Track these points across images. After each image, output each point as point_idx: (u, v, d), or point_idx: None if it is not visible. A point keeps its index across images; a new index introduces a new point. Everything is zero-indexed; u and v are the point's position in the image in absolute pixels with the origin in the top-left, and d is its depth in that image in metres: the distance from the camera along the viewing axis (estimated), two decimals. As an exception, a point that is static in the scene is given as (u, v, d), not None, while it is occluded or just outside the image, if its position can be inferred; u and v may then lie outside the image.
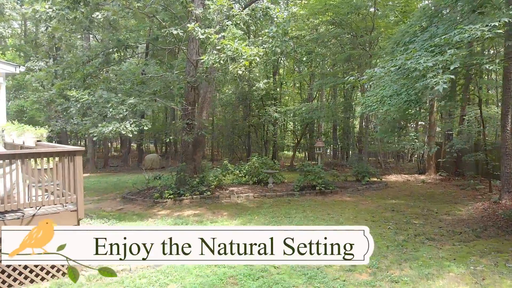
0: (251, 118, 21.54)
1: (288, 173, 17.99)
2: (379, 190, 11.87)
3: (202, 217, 8.49)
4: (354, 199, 10.33)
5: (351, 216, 8.33)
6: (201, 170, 11.96)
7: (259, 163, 11.94)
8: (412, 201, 10.21)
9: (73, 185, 4.72)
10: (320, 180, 10.71)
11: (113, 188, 13.82)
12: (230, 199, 10.25)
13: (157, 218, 8.60)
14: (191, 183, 10.47)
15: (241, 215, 8.54)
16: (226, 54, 6.75)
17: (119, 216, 8.88)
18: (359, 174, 12.36)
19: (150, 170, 20.31)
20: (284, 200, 10.19)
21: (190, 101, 10.97)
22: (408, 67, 4.59)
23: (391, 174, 16.26)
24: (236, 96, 20.64)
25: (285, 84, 28.02)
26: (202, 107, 11.54)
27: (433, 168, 15.67)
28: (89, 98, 7.42)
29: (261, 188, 11.41)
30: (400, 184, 13.55)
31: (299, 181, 10.95)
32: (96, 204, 10.60)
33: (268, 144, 22.43)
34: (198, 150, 11.46)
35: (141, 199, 10.46)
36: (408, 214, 8.54)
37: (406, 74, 4.67)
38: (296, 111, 17.75)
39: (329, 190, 10.84)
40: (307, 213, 8.53)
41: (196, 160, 11.41)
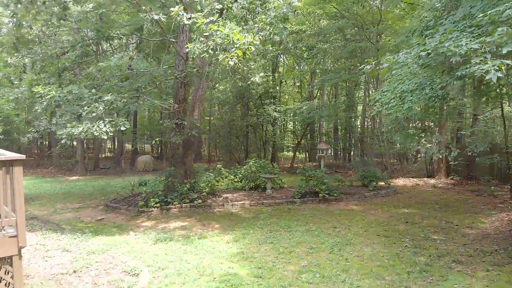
0: (249, 117, 20.48)
1: (288, 176, 16.94)
2: (388, 196, 10.82)
3: (190, 230, 7.43)
4: (362, 208, 9.28)
5: (361, 229, 7.27)
6: (192, 175, 10.93)
7: (256, 167, 10.89)
8: (426, 210, 9.15)
9: (11, 203, 3.66)
10: (323, 186, 9.67)
11: (99, 193, 12.77)
12: (224, 207, 9.19)
13: (139, 231, 7.55)
14: (180, 190, 9.42)
15: (234, 228, 7.48)
16: (214, 42, 5.69)
17: (97, 229, 7.83)
18: (366, 178, 11.32)
19: (143, 173, 19.29)
20: (283, 208, 9.13)
21: (180, 98, 9.93)
22: (444, 51, 3.54)
23: (398, 178, 15.22)
24: (233, 94, 19.57)
25: (285, 83, 26.98)
26: (194, 105, 10.49)
27: (443, 171, 14.62)
28: (56, 94, 6.35)
29: (259, 194, 10.36)
30: (409, 189, 12.50)
31: (300, 187, 9.90)
32: (75, 213, 9.55)
33: (267, 145, 21.38)
34: (189, 152, 10.42)
35: (125, 208, 9.41)
36: (425, 227, 7.49)
37: (440, 61, 3.65)
38: (297, 111, 16.68)
39: (333, 197, 9.79)
40: (310, 226, 7.47)
41: (186, 163, 10.36)
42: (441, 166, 14.60)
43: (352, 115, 16.98)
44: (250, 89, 18.68)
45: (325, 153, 11.23)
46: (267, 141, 21.17)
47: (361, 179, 11.46)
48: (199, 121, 10.61)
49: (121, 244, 6.55)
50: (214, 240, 6.67)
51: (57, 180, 17.26)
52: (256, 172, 10.81)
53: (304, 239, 6.55)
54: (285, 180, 14.08)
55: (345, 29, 12.87)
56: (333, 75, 11.64)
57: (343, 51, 12.48)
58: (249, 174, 10.83)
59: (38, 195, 12.53)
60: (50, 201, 11.44)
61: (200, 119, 10.62)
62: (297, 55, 18.98)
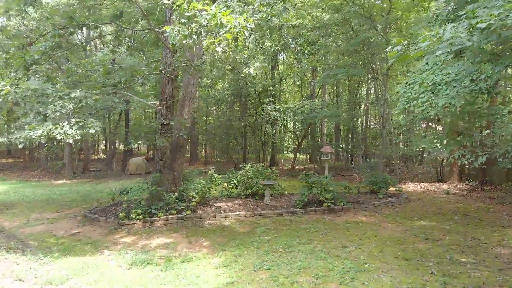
0: (247, 117, 19.40)
1: (289, 180, 15.84)
2: (400, 205, 9.73)
3: (174, 250, 6.34)
4: (373, 220, 8.19)
5: (375, 249, 6.17)
6: (182, 181, 9.85)
7: (253, 172, 9.80)
8: (445, 222, 8.07)
9: None
10: (328, 194, 8.57)
11: (82, 200, 11.67)
12: (216, 219, 8.10)
13: (115, 250, 6.47)
14: (167, 199, 8.33)
15: (226, 246, 6.39)
16: (199, 24, 4.60)
17: (68, 247, 6.74)
18: (375, 185, 10.23)
19: (134, 176, 18.20)
20: (283, 220, 8.04)
21: (167, 96, 8.84)
22: (509, 25, 2.46)
23: (407, 182, 14.13)
24: (230, 93, 18.49)
25: (285, 82, 25.88)
26: (183, 103, 9.40)
27: (456, 175, 13.54)
28: (12, 90, 5.28)
29: (256, 203, 9.27)
30: (421, 196, 11.41)
31: (302, 195, 8.81)
32: (49, 225, 8.47)
33: (266, 146, 20.30)
34: (177, 156, 9.33)
35: (105, 219, 8.32)
36: (449, 246, 6.40)
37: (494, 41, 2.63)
38: (297, 110, 15.60)
39: (339, 207, 8.70)
40: (315, 245, 6.38)
41: (175, 168, 9.28)
42: (453, 170, 13.52)
43: (357, 114, 15.86)
44: (248, 87, 17.60)
45: (329, 156, 10.15)
46: (266, 142, 20.09)
47: (370, 185, 10.38)
48: (189, 120, 9.53)
49: (88, 269, 5.47)
50: (201, 264, 5.57)
51: (42, 184, 16.17)
52: (253, 178, 9.72)
53: (308, 263, 5.46)
54: (285, 185, 13.00)
55: (352, 19, 11.71)
56: (337, 70, 10.51)
57: (349, 44, 11.38)
58: (245, 180, 9.74)
59: (15, 202, 11.44)
60: (26, 209, 10.35)
61: (190, 119, 9.54)
62: (298, 51, 17.90)
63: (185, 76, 9.57)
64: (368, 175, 10.66)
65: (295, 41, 16.77)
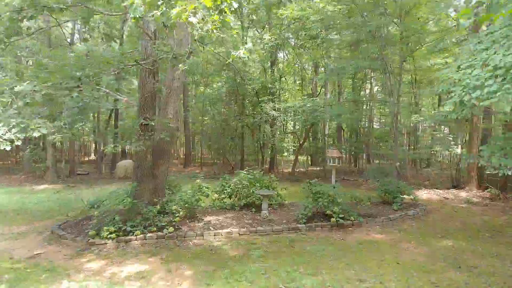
0: (244, 117, 18.13)
1: (289, 185, 14.55)
2: (419, 218, 8.46)
3: (148, 282, 5.06)
4: (389, 238, 6.91)
5: (399, 284, 4.89)
6: (168, 190, 8.59)
7: (249, 179, 8.52)
8: (475, 241, 6.80)
9: None
10: (336, 207, 7.30)
11: (58, 210, 10.37)
12: (203, 238, 6.82)
13: (76, 281, 5.20)
14: (146, 214, 7.05)
15: (212, 279, 5.11)
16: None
17: (22, 274, 5.48)
18: (388, 194, 8.96)
19: (123, 180, 16.94)
20: (284, 240, 6.75)
21: (147, 91, 7.57)
22: None
23: (420, 189, 12.86)
24: (226, 91, 17.22)
25: (285, 80, 24.62)
26: (167, 100, 8.12)
27: (475, 181, 12.26)
28: None
29: (252, 216, 7.98)
30: (438, 206, 10.15)
31: (305, 208, 7.53)
32: (11, 242, 7.22)
33: (265, 147, 19.03)
34: (160, 162, 8.06)
35: (73, 237, 7.04)
36: (489, 276, 5.13)
37: None
38: (299, 109, 14.32)
39: (349, 222, 7.43)
40: (323, 276, 5.10)
41: (158, 176, 8.00)
42: (472, 175, 12.24)
43: (364, 114, 14.57)
44: (245, 84, 16.34)
45: (337, 162, 8.87)
46: (265, 143, 18.83)
47: (382, 194, 9.10)
48: (175, 120, 8.25)
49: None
50: (177, 307, 4.30)
51: (21, 190, 14.86)
52: (249, 186, 8.44)
53: (316, 307, 4.18)
54: (285, 193, 11.73)
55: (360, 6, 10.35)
56: (345, 63, 9.19)
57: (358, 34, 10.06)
58: (240, 189, 8.46)
59: (-17, 213, 10.16)
60: (-8, 221, 9.08)
61: (176, 118, 8.27)
62: (299, 46, 16.65)
63: (170, 69, 8.29)
64: (379, 182, 9.37)
65: (296, 35, 15.53)
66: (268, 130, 16.99)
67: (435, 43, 9.62)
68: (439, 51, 10.11)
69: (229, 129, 18.61)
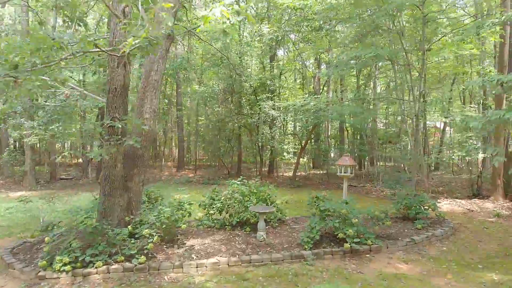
0: (241, 117, 16.69)
1: (290, 192, 13.13)
2: (448, 239, 7.02)
3: None
4: (418, 270, 5.47)
5: None
6: (144, 205, 7.17)
7: (243, 192, 7.06)
8: (529, 274, 5.36)
9: None
10: (350, 229, 5.85)
11: (23, 225, 8.93)
12: (183, 271, 5.37)
13: None
14: (112, 238, 5.61)
15: None
16: None
17: None
18: (410, 209, 7.51)
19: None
20: (285, 274, 5.30)
21: (116, 86, 6.12)
22: None
23: (439, 197, 11.43)
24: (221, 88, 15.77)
25: (285, 80, 23.21)
26: (143, 97, 6.69)
27: (500, 189, 10.82)
28: None
29: (245, 238, 6.53)
30: (464, 220, 8.71)
31: (311, 229, 6.08)
32: None
33: (263, 150, 17.60)
34: (135, 171, 6.63)
35: (22, 266, 5.59)
36: None
37: None
38: (301, 108, 12.87)
39: (366, 246, 5.99)
40: None
41: (131, 189, 6.57)
42: (497, 183, 10.80)
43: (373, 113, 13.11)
44: (242, 81, 14.90)
45: (349, 171, 7.41)
46: (264, 145, 17.39)
47: (401, 208, 7.64)
48: (154, 121, 6.83)
49: None
50: None
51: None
52: (243, 201, 7.00)
53: None
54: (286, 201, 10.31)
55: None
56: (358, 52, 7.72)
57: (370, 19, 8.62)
58: (232, 204, 7.01)
59: None
60: None
61: (154, 118, 6.84)
62: (301, 39, 15.22)
63: (146, 59, 6.86)
64: (397, 195, 7.90)
65: (298, 27, 14.10)
66: (267, 132, 15.54)
67: (463, 31, 8.25)
68: (463, 39, 8.73)
69: (225, 130, 17.18)
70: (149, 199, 7.74)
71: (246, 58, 15.27)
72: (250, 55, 15.01)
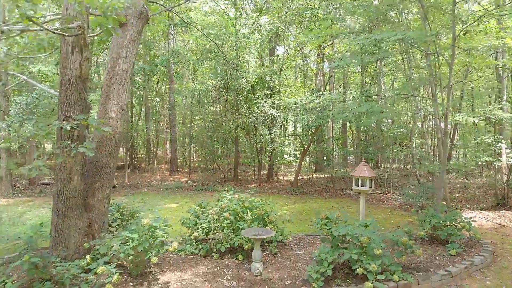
0: (237, 117, 15.31)
1: (292, 201, 11.73)
2: (488, 268, 5.65)
3: None
4: (466, 321, 4.10)
5: None
6: (112, 224, 5.83)
7: (234, 211, 5.67)
8: None
9: None
10: (373, 262, 4.48)
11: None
12: (150, 323, 4.00)
13: None
14: (60, 276, 4.24)
15: None
16: None
17: None
18: (439, 229, 6.13)
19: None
20: (288, 326, 3.94)
21: (71, 76, 4.75)
22: None
23: (459, 208, 10.07)
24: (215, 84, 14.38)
25: (285, 78, 21.85)
26: (108, 90, 5.33)
27: (533, 200, 9.45)
28: None
29: (237, 271, 5.13)
30: (499, 240, 7.34)
31: (321, 261, 4.69)
32: None
33: (262, 153, 16.23)
34: (98, 185, 5.27)
35: None
36: None
37: None
38: (304, 106, 11.49)
39: (393, 284, 4.61)
40: None
41: (94, 207, 5.22)
42: (529, 193, 9.43)
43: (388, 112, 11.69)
44: (238, 78, 13.53)
45: (368, 185, 6.01)
46: (263, 147, 16.02)
47: (430, 229, 6.24)
48: (122, 121, 5.46)
49: None
50: None
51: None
52: (235, 222, 5.61)
53: None
54: (287, 213, 8.96)
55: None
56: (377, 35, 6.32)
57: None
58: (221, 224, 5.63)
59: None
60: None
61: (123, 117, 5.47)
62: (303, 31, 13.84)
63: (113, 43, 5.49)
64: (423, 211, 6.51)
65: (301, 17, 12.75)
66: (266, 134, 14.16)
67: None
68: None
69: (220, 131, 15.81)
70: (121, 216, 6.36)
71: (243, 52, 13.90)
72: (247, 47, 13.64)
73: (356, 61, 9.22)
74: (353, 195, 13.46)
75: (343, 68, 13.70)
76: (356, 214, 9.72)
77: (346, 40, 13.51)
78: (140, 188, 15.13)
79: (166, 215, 9.47)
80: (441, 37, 8.00)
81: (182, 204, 11.30)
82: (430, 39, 6.39)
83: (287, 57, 18.15)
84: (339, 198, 12.90)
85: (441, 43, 7.77)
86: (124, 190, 14.45)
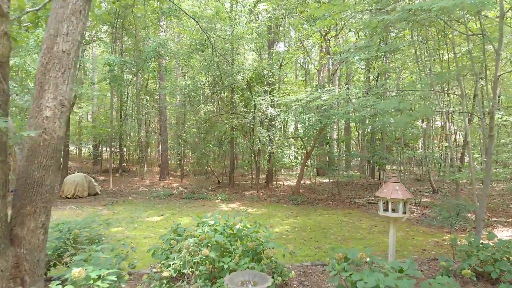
0: (233, 116, 13.87)
1: (294, 214, 10.21)
2: None
3: None
4: None
5: None
6: (55, 258, 4.38)
7: (216, 244, 4.21)
8: None
9: None
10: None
11: None
12: None
13: None
14: None
15: None
16: None
17: None
18: (488, 263, 4.66)
19: (73, 202, 12.66)
20: None
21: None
22: None
23: (493, 224, 8.62)
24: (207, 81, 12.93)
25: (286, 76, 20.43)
26: (43, 80, 3.87)
27: None
28: None
29: (221, 325, 3.69)
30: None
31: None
32: None
33: (260, 156, 14.78)
34: (27, 211, 3.81)
35: None
36: None
37: None
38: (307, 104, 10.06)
39: None
40: None
41: (23, 240, 3.77)
42: None
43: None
44: (233, 72, 12.07)
45: (401, 209, 4.47)
46: (261, 149, 14.57)
47: (475, 263, 4.78)
48: (62, 121, 4.01)
49: None
50: None
51: None
52: (217, 259, 4.15)
53: None
54: (288, 229, 7.55)
55: None
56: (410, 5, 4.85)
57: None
58: (197, 268, 4.17)
59: None
60: None
61: (62, 117, 4.02)
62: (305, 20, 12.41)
63: (51, 16, 4.04)
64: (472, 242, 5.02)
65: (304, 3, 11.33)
66: (264, 136, 12.71)
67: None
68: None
69: (213, 132, 14.38)
70: (74, 243, 4.91)
71: (239, 44, 12.47)
72: (243, 37, 12.17)
73: (370, 50, 7.70)
74: (362, 205, 11.98)
75: (349, 63, 12.25)
76: (369, 232, 8.27)
77: (361, 19, 11.58)
78: (125, 196, 13.67)
79: (146, 232, 8.04)
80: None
81: (168, 216, 9.85)
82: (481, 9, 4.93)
83: (288, 51, 16.71)
84: (347, 209, 11.44)
85: (486, 22, 6.35)
86: (107, 198, 13.00)
